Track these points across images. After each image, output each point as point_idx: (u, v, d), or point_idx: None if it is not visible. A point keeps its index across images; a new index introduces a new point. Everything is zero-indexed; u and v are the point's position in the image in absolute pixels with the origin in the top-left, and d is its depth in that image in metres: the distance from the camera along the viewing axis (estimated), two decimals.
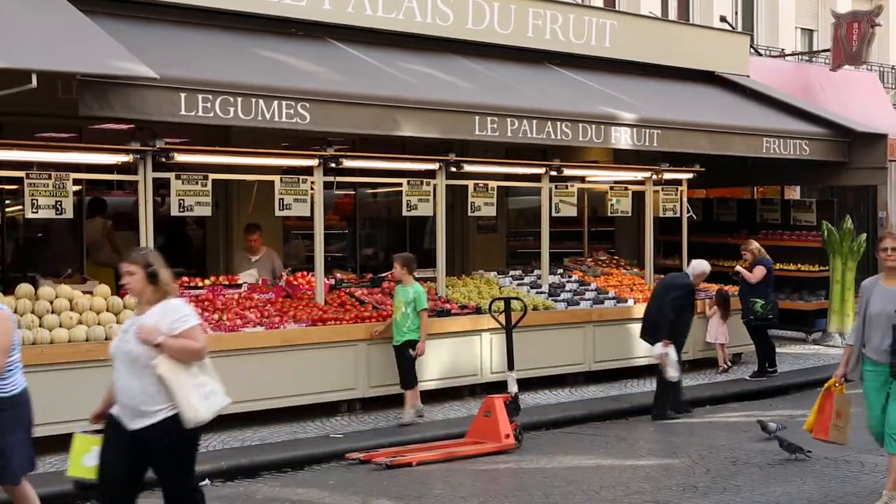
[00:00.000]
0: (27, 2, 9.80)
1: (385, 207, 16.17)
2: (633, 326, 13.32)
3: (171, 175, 10.51)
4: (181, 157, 10.57)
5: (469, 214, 13.37)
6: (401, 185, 12.27)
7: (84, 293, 10.03)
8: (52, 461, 8.56)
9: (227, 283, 11.62)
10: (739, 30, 21.16)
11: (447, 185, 12.50)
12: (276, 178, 11.28)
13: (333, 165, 11.47)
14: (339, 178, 12.09)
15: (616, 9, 19.33)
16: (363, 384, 11.28)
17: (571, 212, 13.96)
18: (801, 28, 24.94)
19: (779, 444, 9.56)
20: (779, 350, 14.62)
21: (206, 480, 8.79)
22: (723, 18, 21.21)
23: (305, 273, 12.35)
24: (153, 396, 5.77)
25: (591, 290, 13.94)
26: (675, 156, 14.80)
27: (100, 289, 10.20)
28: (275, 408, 10.63)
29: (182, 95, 9.70)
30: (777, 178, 18.71)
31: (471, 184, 12.89)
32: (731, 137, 14.73)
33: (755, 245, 14.25)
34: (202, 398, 5.82)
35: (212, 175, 10.80)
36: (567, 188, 13.80)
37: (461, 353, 12.06)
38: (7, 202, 12.77)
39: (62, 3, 9.95)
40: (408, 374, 10.95)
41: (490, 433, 10.04)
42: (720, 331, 14.27)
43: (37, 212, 9.75)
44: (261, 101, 10.21)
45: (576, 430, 11.17)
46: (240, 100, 10.06)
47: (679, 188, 15.16)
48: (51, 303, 9.72)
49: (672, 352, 11.52)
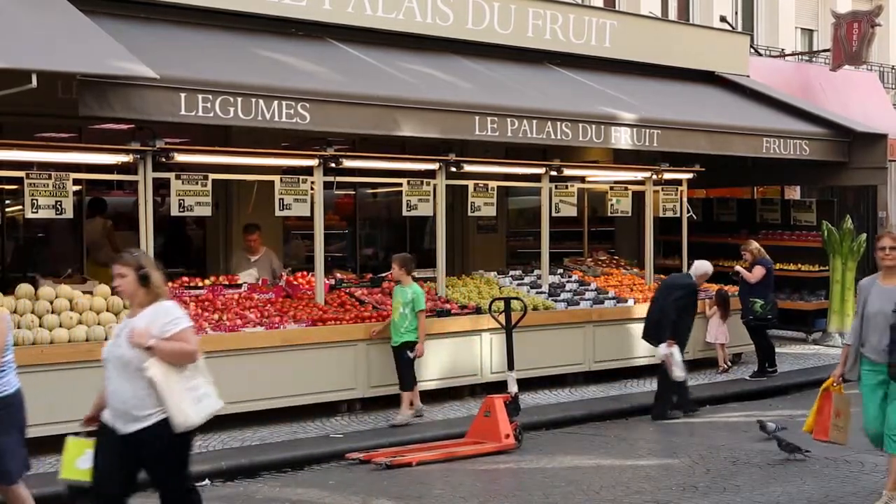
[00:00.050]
0: (27, 2, 9.80)
1: (385, 207, 16.17)
2: (633, 326, 13.33)
3: (171, 175, 10.51)
4: (181, 157, 10.58)
5: (469, 214, 13.37)
6: (401, 185, 12.28)
7: (84, 293, 10.04)
8: (52, 461, 8.52)
9: (227, 283, 11.62)
10: (739, 30, 21.16)
11: (447, 185, 12.50)
12: (276, 178, 11.28)
13: (333, 165, 11.48)
14: (339, 178, 12.09)
15: (616, 9, 19.33)
16: (363, 384, 11.28)
17: (571, 212, 13.96)
18: (801, 28, 24.94)
19: (777, 444, 9.57)
20: (779, 350, 14.62)
21: (206, 480, 8.81)
22: (723, 18, 21.21)
23: (305, 273, 12.35)
24: (144, 400, 5.72)
25: (591, 290, 13.94)
26: (675, 156, 14.80)
27: (100, 289, 10.19)
28: (275, 408, 10.63)
29: (182, 95, 9.70)
30: (777, 178, 18.70)
31: (471, 184, 12.89)
32: (731, 137, 14.73)
33: (755, 245, 14.25)
34: (194, 402, 5.77)
35: (212, 175, 10.81)
36: (567, 188, 13.80)
37: (461, 353, 12.06)
38: (7, 202, 12.77)
39: (62, 3, 9.94)
40: (406, 376, 10.93)
41: (490, 433, 10.04)
42: (720, 331, 14.27)
43: (37, 212, 9.75)
44: (261, 101, 10.21)
45: (576, 430, 11.17)
46: (240, 100, 10.07)
47: (679, 188, 15.16)
48: (51, 303, 9.73)
49: (676, 352, 11.54)
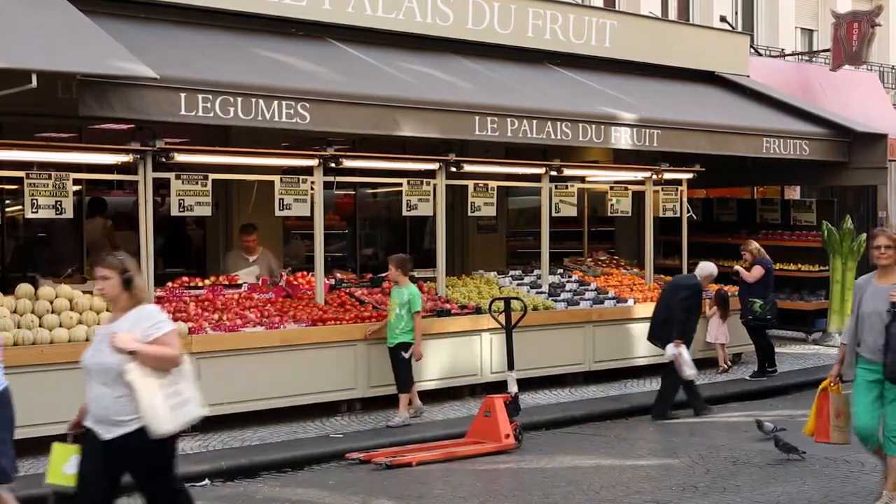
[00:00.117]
0: (27, 2, 9.80)
1: (385, 207, 16.17)
2: (633, 326, 13.34)
3: (171, 175, 10.51)
4: (181, 157, 10.57)
5: (469, 214, 13.37)
6: (401, 185, 12.27)
7: (84, 293, 10.02)
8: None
9: (227, 283, 11.63)
10: (739, 30, 21.16)
11: (447, 185, 12.50)
12: (276, 178, 11.27)
13: (333, 165, 11.47)
14: (339, 178, 12.09)
15: (616, 9, 19.33)
16: (363, 384, 11.27)
17: (571, 212, 13.95)
18: (801, 28, 24.94)
19: (774, 444, 9.57)
20: (779, 350, 14.62)
21: (206, 480, 8.82)
22: (723, 18, 21.21)
23: (305, 273, 12.34)
24: (125, 406, 5.66)
25: (591, 290, 13.93)
26: (675, 156, 14.80)
27: None
28: (275, 408, 10.63)
29: (182, 95, 9.70)
30: (777, 178, 18.70)
31: (471, 184, 12.89)
32: (731, 137, 14.72)
33: (755, 245, 14.25)
34: (172, 408, 5.68)
35: (212, 175, 10.80)
36: (567, 188, 13.80)
37: (461, 353, 12.06)
38: (7, 202, 12.77)
39: (62, 3, 9.94)
40: (403, 377, 10.89)
41: (490, 433, 10.03)
42: (720, 331, 14.27)
43: (37, 212, 9.74)
44: (261, 101, 10.21)
45: (576, 430, 11.17)
46: (240, 100, 10.06)
47: (679, 188, 15.15)
48: (51, 303, 9.73)
49: (685, 351, 11.55)
